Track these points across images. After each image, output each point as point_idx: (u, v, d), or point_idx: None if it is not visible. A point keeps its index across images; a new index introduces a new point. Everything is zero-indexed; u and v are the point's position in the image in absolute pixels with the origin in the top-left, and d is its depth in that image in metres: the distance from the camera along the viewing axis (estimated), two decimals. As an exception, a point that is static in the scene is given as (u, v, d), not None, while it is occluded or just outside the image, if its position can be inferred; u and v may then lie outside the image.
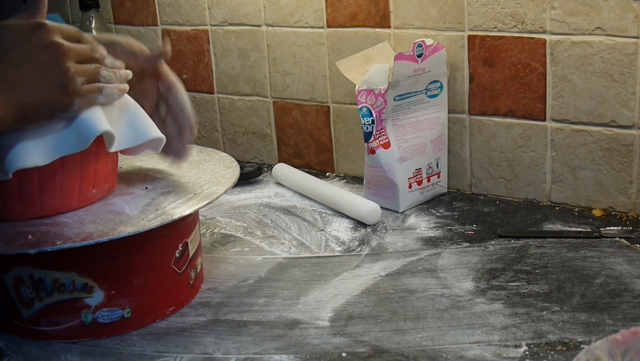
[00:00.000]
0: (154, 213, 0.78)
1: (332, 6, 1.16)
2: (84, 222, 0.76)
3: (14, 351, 0.77)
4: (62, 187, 0.77)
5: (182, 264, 0.83)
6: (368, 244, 0.97)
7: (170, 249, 0.82)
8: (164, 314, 0.82)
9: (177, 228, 0.82)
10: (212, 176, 0.88)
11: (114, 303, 0.78)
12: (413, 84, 1.05)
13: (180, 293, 0.84)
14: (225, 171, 0.90)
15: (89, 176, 0.79)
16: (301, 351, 0.74)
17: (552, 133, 1.03)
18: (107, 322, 0.78)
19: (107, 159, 0.81)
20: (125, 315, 0.79)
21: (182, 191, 0.84)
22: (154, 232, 0.76)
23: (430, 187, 1.10)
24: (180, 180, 0.88)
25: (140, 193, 0.84)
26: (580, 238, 0.94)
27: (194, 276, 0.86)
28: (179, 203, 0.80)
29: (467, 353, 0.71)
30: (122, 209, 0.79)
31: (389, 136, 1.04)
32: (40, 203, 0.77)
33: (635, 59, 0.95)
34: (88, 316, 0.78)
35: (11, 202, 0.77)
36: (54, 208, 0.78)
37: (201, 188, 0.84)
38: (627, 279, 0.83)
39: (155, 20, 1.35)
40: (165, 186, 0.86)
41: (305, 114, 1.24)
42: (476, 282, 0.85)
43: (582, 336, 0.73)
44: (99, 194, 0.82)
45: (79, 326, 0.78)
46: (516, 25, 1.02)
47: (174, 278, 0.83)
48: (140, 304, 0.80)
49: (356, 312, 0.81)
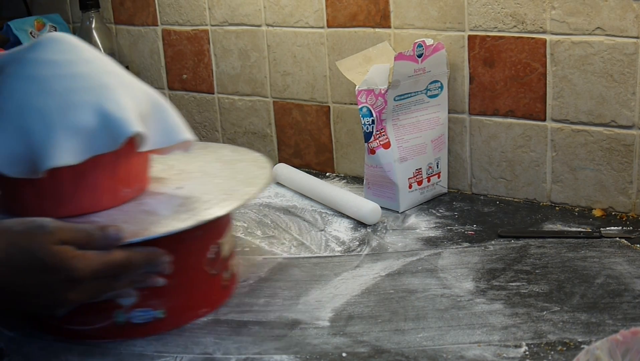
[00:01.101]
0: (187, 213, 0.77)
1: (332, 6, 1.16)
2: (116, 222, 0.75)
3: (14, 351, 0.77)
4: (94, 186, 0.77)
5: (215, 265, 0.82)
6: (368, 244, 0.97)
7: (202, 250, 0.80)
8: (197, 315, 0.81)
9: (210, 229, 0.80)
10: (246, 177, 0.87)
11: (147, 304, 0.77)
12: (413, 84, 1.05)
13: (213, 295, 0.83)
14: (259, 172, 0.88)
15: (121, 176, 0.79)
16: (301, 351, 0.74)
17: (552, 133, 1.03)
18: (140, 323, 0.77)
19: (139, 158, 0.81)
20: (158, 316, 0.78)
21: (215, 192, 0.82)
22: (186, 233, 0.75)
23: (430, 187, 1.10)
24: (213, 180, 0.86)
25: (173, 193, 0.83)
26: (580, 238, 0.94)
27: (227, 277, 0.85)
28: (212, 203, 0.79)
29: (467, 353, 0.71)
30: (154, 210, 0.78)
31: (389, 136, 1.04)
32: (72, 202, 0.77)
33: (635, 59, 0.95)
34: (121, 316, 0.77)
35: (43, 201, 0.76)
36: (86, 207, 0.78)
37: (235, 189, 0.83)
38: (627, 279, 0.83)
39: (155, 20, 1.35)
40: (198, 186, 0.85)
41: (306, 114, 1.24)
42: (476, 282, 0.85)
43: (582, 336, 0.73)
44: (131, 194, 0.81)
45: (112, 326, 0.77)
46: (516, 25, 1.02)
47: (207, 279, 0.81)
48: (173, 305, 0.78)
49: (356, 312, 0.81)
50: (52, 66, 0.77)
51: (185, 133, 0.82)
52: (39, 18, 1.41)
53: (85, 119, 0.74)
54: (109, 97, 0.76)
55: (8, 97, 0.75)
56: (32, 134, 0.73)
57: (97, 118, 0.74)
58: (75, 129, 0.73)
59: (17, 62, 0.78)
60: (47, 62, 0.77)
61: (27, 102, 0.74)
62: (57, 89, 0.75)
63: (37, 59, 0.77)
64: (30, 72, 0.76)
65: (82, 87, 0.76)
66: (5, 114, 0.75)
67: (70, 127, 0.73)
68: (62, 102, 0.74)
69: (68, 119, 0.74)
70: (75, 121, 0.74)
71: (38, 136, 0.72)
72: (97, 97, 0.76)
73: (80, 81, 0.76)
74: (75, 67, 0.77)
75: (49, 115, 0.74)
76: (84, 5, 1.26)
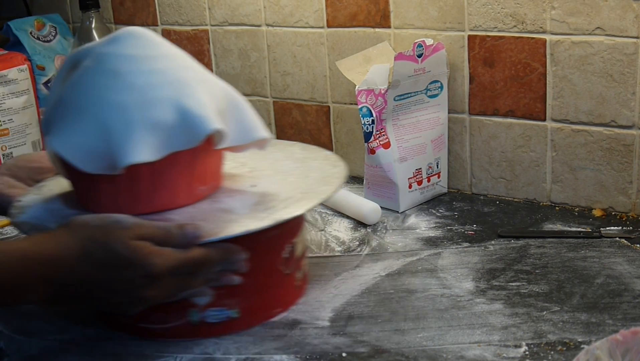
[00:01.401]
0: (264, 212, 0.76)
1: (332, 6, 1.16)
2: (194, 220, 0.75)
3: (14, 351, 0.77)
4: (172, 183, 0.76)
5: (289, 265, 0.81)
6: (368, 244, 0.97)
7: (277, 249, 0.79)
8: (271, 315, 0.80)
9: (285, 229, 0.79)
10: (321, 175, 0.86)
11: (222, 303, 0.76)
12: (413, 84, 1.05)
13: (286, 295, 0.82)
14: (333, 170, 0.87)
15: (198, 173, 0.78)
16: (301, 351, 0.74)
17: (552, 133, 1.03)
18: (215, 322, 0.77)
19: (216, 155, 0.80)
20: (232, 316, 0.77)
21: (290, 190, 0.81)
22: (263, 232, 0.73)
23: (430, 187, 1.10)
24: (287, 178, 0.85)
25: (248, 191, 0.82)
26: (580, 238, 0.94)
27: (300, 277, 0.84)
28: (289, 202, 0.78)
29: (467, 353, 0.71)
30: (231, 208, 0.77)
31: (389, 136, 1.04)
32: (150, 199, 0.76)
33: (635, 59, 0.95)
34: (196, 315, 0.76)
35: (121, 198, 0.76)
36: (163, 204, 0.77)
37: (311, 187, 0.82)
38: (627, 279, 0.83)
39: (155, 20, 1.35)
40: (272, 184, 0.84)
41: (305, 114, 1.24)
42: (476, 282, 0.85)
43: (582, 336, 0.73)
44: (207, 191, 0.80)
45: (187, 326, 0.76)
46: (516, 25, 1.02)
47: (281, 278, 0.80)
48: (248, 305, 0.78)
49: (356, 312, 0.80)
50: (132, 61, 0.75)
51: (262, 131, 0.81)
52: (39, 18, 1.41)
53: (165, 115, 0.73)
54: (188, 93, 0.75)
55: (85, 92, 0.75)
56: (112, 130, 0.72)
57: (177, 114, 0.73)
58: (155, 125, 0.72)
59: (94, 56, 0.76)
60: (126, 57, 0.75)
61: (106, 98, 0.73)
62: (137, 84, 0.74)
63: (116, 53, 0.76)
64: (109, 67, 0.75)
65: (162, 83, 0.75)
66: (83, 109, 0.74)
67: (149, 123, 0.72)
68: (142, 98, 0.73)
69: (147, 115, 0.73)
70: (155, 117, 0.73)
71: (117, 132, 0.71)
72: (176, 93, 0.74)
73: (160, 77, 0.75)
74: (154, 63, 0.76)
75: (129, 111, 0.73)
76: (84, 5, 1.26)
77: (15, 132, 1.26)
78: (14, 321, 0.83)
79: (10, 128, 1.26)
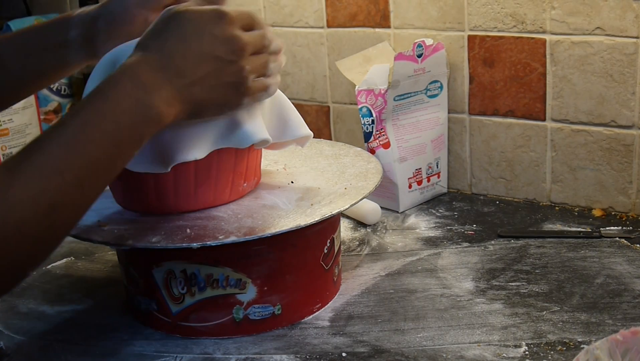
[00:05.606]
0: (309, 207, 0.76)
1: (332, 6, 1.16)
2: (239, 216, 0.75)
3: (14, 351, 0.77)
4: (216, 180, 0.76)
5: (329, 260, 0.81)
6: (368, 244, 0.97)
7: (319, 245, 0.80)
8: (311, 311, 0.80)
9: (326, 224, 0.79)
10: (357, 171, 0.86)
11: (266, 300, 0.76)
12: (413, 84, 1.05)
13: (326, 290, 0.82)
14: (369, 166, 0.87)
15: (241, 169, 0.78)
16: (301, 351, 0.74)
17: (552, 133, 1.03)
18: (258, 319, 0.77)
19: (257, 151, 0.81)
20: (275, 312, 0.77)
21: (330, 186, 0.82)
22: (306, 227, 0.74)
23: (430, 187, 1.10)
24: (323, 174, 0.86)
25: (288, 187, 0.82)
26: (580, 238, 0.94)
27: (337, 272, 0.84)
28: (332, 197, 0.79)
29: (467, 353, 0.71)
30: (275, 204, 0.78)
31: (389, 136, 1.04)
32: (194, 196, 0.76)
33: (635, 59, 0.95)
34: (240, 312, 0.76)
35: (166, 196, 0.76)
36: (207, 201, 0.77)
37: (350, 183, 0.82)
38: (627, 279, 0.83)
39: (155, 20, 1.35)
40: (310, 180, 0.84)
41: (305, 114, 1.24)
42: (476, 282, 0.85)
43: (582, 336, 0.73)
44: (249, 188, 0.80)
45: (230, 323, 0.77)
46: (516, 25, 1.02)
47: (321, 274, 0.81)
48: (290, 301, 0.78)
49: (356, 312, 0.81)
50: None
51: (304, 128, 0.81)
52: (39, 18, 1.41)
53: None
54: None
55: None
56: None
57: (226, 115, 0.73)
58: (202, 124, 0.72)
59: None
60: None
61: None
62: None
63: None
64: None
65: None
66: None
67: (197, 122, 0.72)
68: None
69: None
70: None
71: (166, 132, 0.71)
72: None
73: None
74: None
75: None
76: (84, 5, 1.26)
77: (15, 132, 1.26)
78: (14, 321, 0.83)
79: (10, 128, 1.26)
